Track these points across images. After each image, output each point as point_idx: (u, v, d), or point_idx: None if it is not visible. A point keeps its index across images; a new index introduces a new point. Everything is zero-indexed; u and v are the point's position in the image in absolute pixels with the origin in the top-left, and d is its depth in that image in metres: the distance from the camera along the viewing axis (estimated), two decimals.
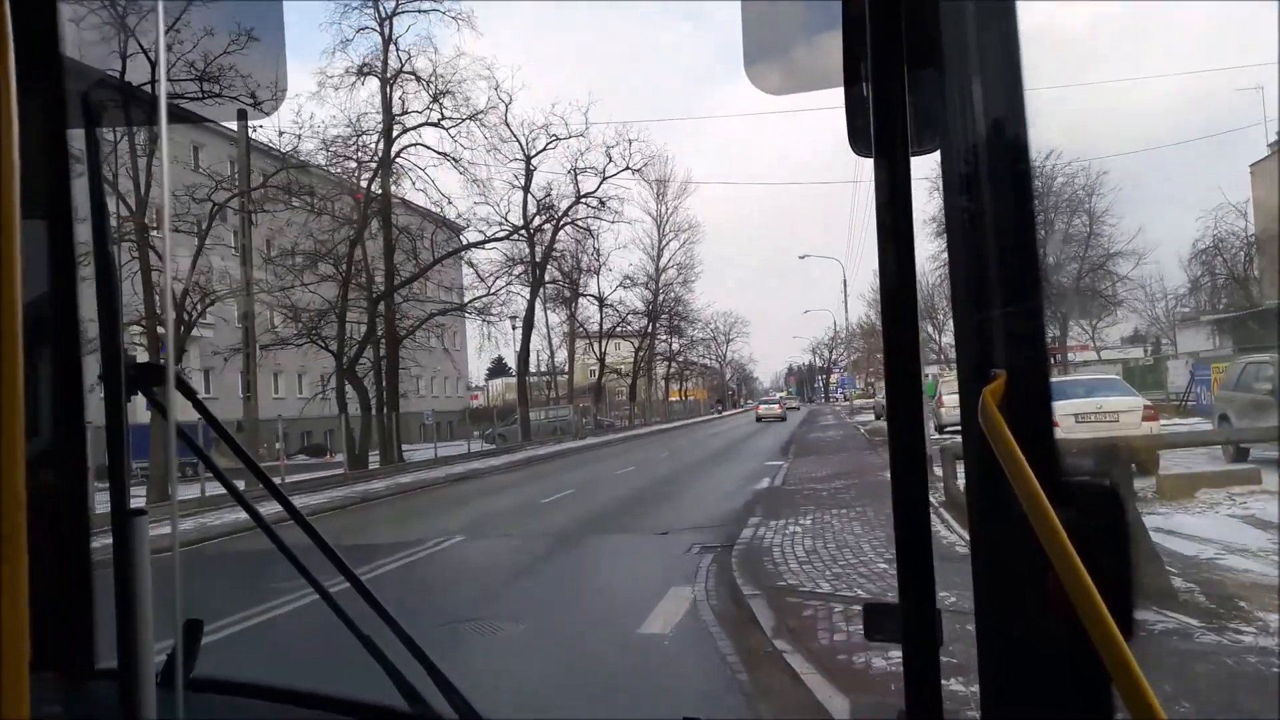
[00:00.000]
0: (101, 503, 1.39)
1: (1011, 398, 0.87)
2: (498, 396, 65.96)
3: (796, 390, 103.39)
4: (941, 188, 0.95)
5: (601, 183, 40.17)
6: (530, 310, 41.19)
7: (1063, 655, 0.84)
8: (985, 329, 0.93)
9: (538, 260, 39.88)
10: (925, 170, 0.99)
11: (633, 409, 61.48)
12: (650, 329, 59.12)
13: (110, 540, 0.94)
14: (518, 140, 36.93)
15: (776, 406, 58.77)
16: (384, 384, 27.77)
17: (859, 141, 1.00)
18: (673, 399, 77.39)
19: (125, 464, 1.01)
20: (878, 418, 37.83)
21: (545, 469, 26.42)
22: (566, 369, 57.01)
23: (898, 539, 0.90)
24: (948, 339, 45.53)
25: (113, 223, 6.74)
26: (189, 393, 1.09)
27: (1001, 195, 0.92)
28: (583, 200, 40.17)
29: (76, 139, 1.07)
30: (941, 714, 0.88)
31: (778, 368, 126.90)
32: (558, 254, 42.34)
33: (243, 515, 4.31)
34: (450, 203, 30.20)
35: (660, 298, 59.08)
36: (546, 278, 42.50)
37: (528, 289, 40.23)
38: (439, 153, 29.60)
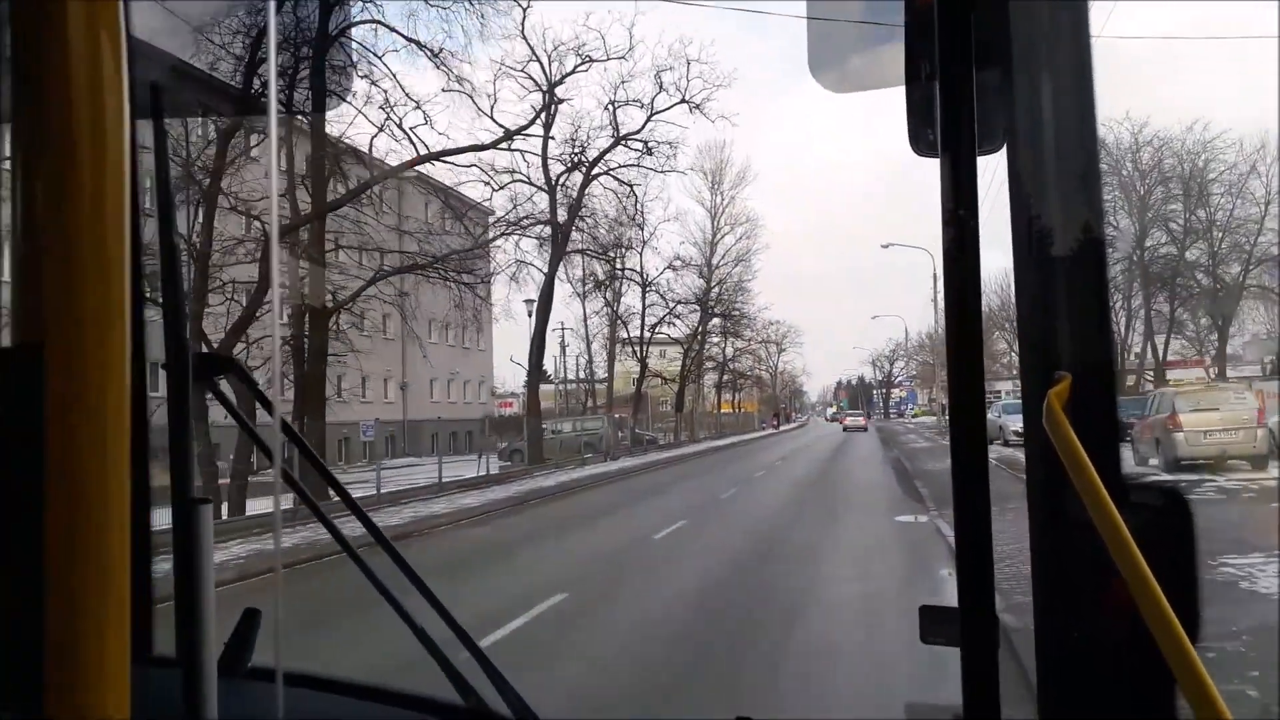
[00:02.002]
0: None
1: (1077, 401, 0.87)
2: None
3: (848, 405, 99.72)
4: (1007, 186, 0.95)
5: (648, 120, 30.44)
6: (549, 286, 31.11)
7: (1124, 660, 0.85)
8: (1050, 330, 0.93)
9: (560, 221, 29.82)
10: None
11: (679, 421, 51.52)
12: (702, 328, 49.21)
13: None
14: (538, 60, 27.60)
15: (861, 419, 64.49)
16: (304, 381, 17.45)
17: (920, 141, 1.00)
18: (724, 410, 67.57)
19: (189, 452, 1.02)
20: (991, 441, 26.74)
21: (543, 519, 16.82)
22: (605, 373, 47.30)
23: (958, 544, 0.91)
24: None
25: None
26: (252, 385, 1.14)
27: (1070, 195, 0.92)
28: (624, 142, 30.45)
29: (144, 129, 1.00)
30: (1000, 718, 0.88)
31: (826, 382, 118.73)
32: (586, 213, 31.94)
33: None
34: (418, 107, 19.86)
35: (715, 290, 49.25)
36: (571, 247, 32.48)
37: (544, 256, 30.46)
38: (407, 38, 19.97)
